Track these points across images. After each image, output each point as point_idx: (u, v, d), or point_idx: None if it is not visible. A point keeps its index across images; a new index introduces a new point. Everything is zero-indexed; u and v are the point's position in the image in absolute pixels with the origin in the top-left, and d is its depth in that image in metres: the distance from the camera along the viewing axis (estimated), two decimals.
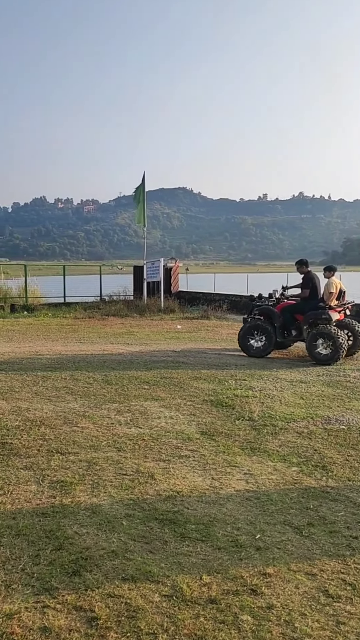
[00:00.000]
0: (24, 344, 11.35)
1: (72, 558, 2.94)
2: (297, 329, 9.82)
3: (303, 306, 9.85)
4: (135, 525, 3.36)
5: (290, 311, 9.91)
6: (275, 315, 9.83)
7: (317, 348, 9.19)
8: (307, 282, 10.06)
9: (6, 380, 7.55)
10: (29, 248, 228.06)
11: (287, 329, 9.87)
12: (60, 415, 5.86)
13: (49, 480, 4.06)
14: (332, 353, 9.08)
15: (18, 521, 3.38)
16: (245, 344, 9.93)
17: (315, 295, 9.95)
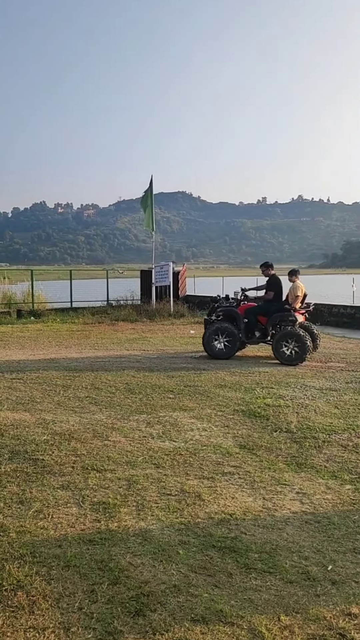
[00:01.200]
0: (37, 351, 11.08)
1: (132, 594, 2.67)
2: (261, 331, 9.99)
3: (267, 308, 10.02)
4: (193, 554, 3.09)
5: (254, 313, 10.05)
6: (239, 317, 9.94)
7: (284, 349, 9.42)
8: (272, 284, 10.21)
9: (25, 390, 7.28)
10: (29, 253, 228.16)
11: (251, 331, 9.99)
12: (88, 427, 5.59)
13: (90, 502, 3.79)
14: (299, 354, 9.33)
15: (65, 550, 3.11)
16: (210, 346, 9.89)
17: (279, 297, 10.13)
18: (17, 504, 3.76)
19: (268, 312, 9.93)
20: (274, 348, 9.54)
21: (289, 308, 9.81)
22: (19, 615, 2.48)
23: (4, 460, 4.57)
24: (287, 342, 9.42)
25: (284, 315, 9.75)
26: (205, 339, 9.98)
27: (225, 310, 10.18)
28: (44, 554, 3.05)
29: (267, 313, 9.94)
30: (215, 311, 10.30)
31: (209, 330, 9.95)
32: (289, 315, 9.72)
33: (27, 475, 4.29)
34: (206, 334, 9.99)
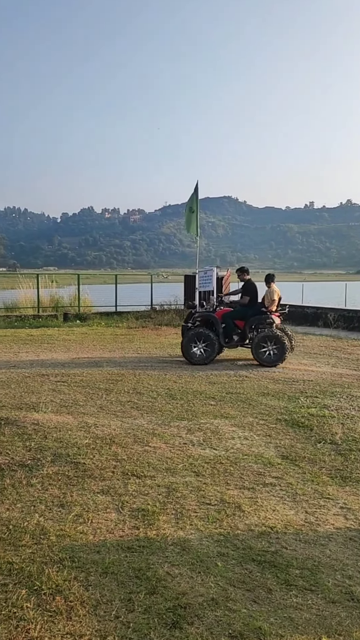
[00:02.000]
0: (82, 354, 11.25)
1: (169, 605, 2.64)
2: (239, 335, 10.23)
3: (244, 312, 10.29)
4: (232, 567, 3.03)
5: (231, 317, 10.25)
6: (217, 322, 10.13)
7: (263, 351, 9.74)
8: (248, 289, 10.50)
9: (69, 393, 7.39)
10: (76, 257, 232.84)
11: (229, 335, 10.19)
12: (129, 432, 5.61)
13: (129, 508, 3.79)
14: (278, 355, 9.69)
15: (103, 556, 3.11)
16: (188, 352, 10.01)
17: (255, 301, 10.47)
18: (57, 507, 3.80)
19: (245, 316, 10.24)
20: (254, 350, 9.85)
21: (265, 311, 10.18)
22: (57, 621, 2.49)
23: (46, 463, 4.64)
24: (266, 343, 9.75)
25: (262, 318, 10.12)
26: (184, 346, 10.09)
27: (202, 316, 10.35)
28: (83, 559, 3.06)
29: (244, 317, 10.24)
30: (193, 317, 10.42)
31: (187, 336, 10.07)
32: (266, 317, 10.11)
33: (68, 478, 4.33)
34: (184, 340, 10.10)
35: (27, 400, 6.90)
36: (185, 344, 10.04)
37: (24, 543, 3.24)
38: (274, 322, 10.10)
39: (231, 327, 10.20)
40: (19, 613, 2.53)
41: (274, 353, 9.70)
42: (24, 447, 5.04)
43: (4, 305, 19.84)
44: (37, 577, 2.84)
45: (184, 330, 10.51)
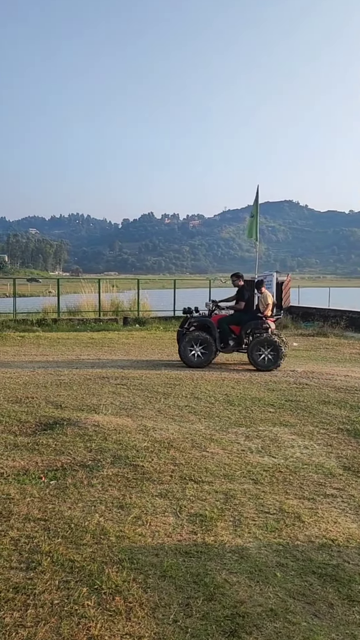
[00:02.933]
0: (140, 357, 11.41)
1: (227, 613, 2.62)
2: (235, 339, 10.39)
3: (239, 317, 10.47)
4: (292, 578, 2.98)
5: (227, 322, 10.42)
6: (213, 326, 10.30)
7: (260, 355, 9.97)
8: (243, 294, 10.66)
9: (129, 396, 7.51)
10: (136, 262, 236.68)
11: (225, 340, 10.34)
12: (187, 437, 5.63)
13: (187, 513, 3.80)
14: (274, 359, 9.93)
15: (162, 559, 3.13)
16: (186, 356, 10.18)
17: (250, 307, 10.71)
18: (117, 508, 3.86)
19: (240, 321, 10.42)
20: (250, 355, 10.05)
21: (261, 316, 10.35)
22: (117, 621, 2.53)
23: (106, 464, 4.73)
24: (262, 348, 9.99)
25: (258, 323, 10.32)
26: (181, 349, 10.26)
27: (199, 320, 10.52)
28: (141, 561, 3.09)
29: (240, 322, 10.42)
30: (188, 322, 10.56)
31: (184, 340, 10.22)
32: (262, 322, 10.30)
33: (127, 480, 4.40)
34: (181, 345, 10.24)
35: (88, 401, 7.06)
36: (182, 347, 10.21)
37: (85, 542, 3.32)
38: (269, 327, 10.30)
39: (227, 332, 10.37)
40: (80, 610, 2.60)
41: (270, 358, 9.94)
42: (85, 447, 5.17)
43: (67, 308, 20.44)
44: (98, 576, 2.90)
45: (179, 335, 10.63)
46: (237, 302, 10.73)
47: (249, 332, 10.37)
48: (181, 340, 10.33)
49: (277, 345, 9.92)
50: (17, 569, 3.00)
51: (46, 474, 4.48)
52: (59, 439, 5.40)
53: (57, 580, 2.87)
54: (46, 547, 3.23)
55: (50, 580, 2.88)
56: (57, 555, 3.13)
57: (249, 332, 10.37)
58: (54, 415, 6.29)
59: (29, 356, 11.47)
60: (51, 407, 6.71)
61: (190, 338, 10.17)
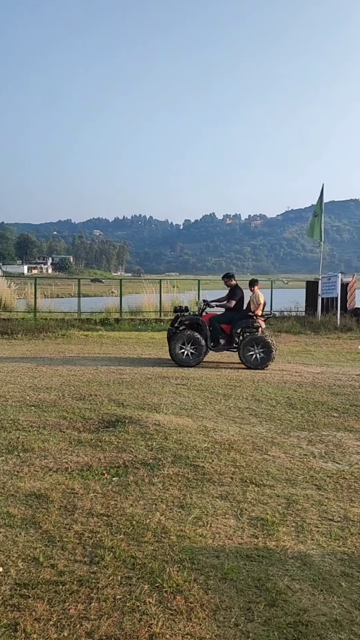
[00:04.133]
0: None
1: (290, 620, 2.57)
2: (225, 338, 10.46)
3: (231, 317, 10.54)
4: (357, 589, 2.88)
5: (218, 321, 10.51)
6: (204, 325, 10.33)
7: (251, 354, 10.07)
8: (234, 293, 10.74)
9: (189, 396, 7.53)
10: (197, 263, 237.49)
11: (216, 338, 10.39)
12: (248, 439, 5.58)
13: (248, 516, 3.76)
14: (264, 358, 10.05)
15: (222, 561, 3.11)
16: (177, 355, 10.19)
17: (241, 306, 10.73)
18: (178, 507, 3.88)
19: (231, 320, 10.50)
20: (241, 354, 10.16)
21: (252, 315, 10.44)
22: (178, 620, 2.54)
23: (167, 463, 4.76)
24: (253, 347, 10.10)
25: (249, 322, 10.40)
26: (171, 348, 10.25)
27: (190, 319, 10.54)
28: (202, 562, 3.09)
29: (231, 321, 10.50)
30: (180, 321, 10.57)
31: (175, 338, 10.22)
32: (253, 321, 10.39)
33: (187, 480, 4.41)
34: (172, 343, 10.24)
35: (149, 400, 7.14)
36: (173, 346, 10.22)
37: (146, 540, 3.35)
38: (260, 326, 10.38)
39: (218, 330, 10.43)
40: (142, 607, 2.62)
41: (261, 356, 10.07)
42: (146, 446, 5.23)
43: (129, 308, 20.78)
44: (159, 575, 2.92)
45: (169, 334, 10.59)
46: (228, 300, 10.81)
47: (240, 331, 10.47)
48: (172, 339, 10.35)
49: (268, 344, 10.05)
50: (81, 562, 3.08)
51: (108, 470, 4.57)
52: (121, 436, 5.49)
53: (120, 576, 2.92)
54: (109, 542, 3.29)
55: (112, 575, 2.93)
56: (120, 551, 3.19)
57: (240, 331, 10.47)
58: (116, 413, 6.40)
59: (93, 355, 11.75)
60: (113, 405, 6.84)
61: (181, 337, 10.20)
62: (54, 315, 18.80)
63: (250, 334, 10.28)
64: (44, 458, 4.83)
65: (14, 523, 3.54)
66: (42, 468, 4.58)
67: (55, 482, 4.27)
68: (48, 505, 3.82)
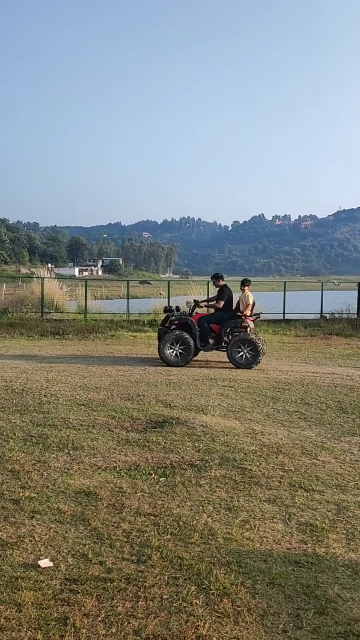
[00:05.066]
0: None
1: (340, 630, 2.51)
2: (214, 338, 10.55)
3: (219, 317, 10.66)
4: None
5: (207, 321, 10.60)
6: (194, 325, 10.41)
7: (239, 354, 10.23)
8: (223, 294, 10.85)
9: (236, 399, 7.49)
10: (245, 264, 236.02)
11: (205, 338, 10.47)
12: (297, 443, 5.49)
13: (297, 521, 3.70)
14: (253, 358, 10.20)
15: (270, 566, 3.07)
16: (165, 355, 10.25)
17: (230, 306, 10.81)
18: (225, 510, 3.86)
19: (220, 320, 10.60)
20: (229, 353, 10.32)
21: (241, 315, 10.54)
22: (225, 623, 2.52)
23: (214, 465, 4.75)
24: (241, 347, 10.25)
25: (237, 322, 10.51)
26: (160, 348, 10.32)
27: (179, 319, 10.60)
28: (249, 566, 3.06)
29: (220, 321, 10.60)
30: (169, 320, 10.63)
31: (164, 338, 10.30)
32: (241, 321, 10.49)
33: (235, 483, 4.38)
34: (161, 343, 10.32)
35: (196, 402, 7.15)
36: (162, 346, 10.30)
37: (193, 541, 3.35)
38: (248, 326, 10.50)
39: (207, 330, 10.52)
40: (189, 608, 2.62)
41: (249, 356, 10.20)
42: (193, 447, 5.23)
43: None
44: (206, 577, 2.92)
45: (160, 333, 10.71)
46: (217, 301, 10.94)
47: (229, 331, 10.55)
48: (161, 339, 10.42)
49: (255, 344, 10.18)
50: (129, 560, 3.11)
51: (156, 470, 4.60)
52: (168, 437, 5.52)
53: (167, 576, 2.93)
54: (156, 542, 3.31)
55: (159, 575, 2.94)
56: (167, 551, 3.20)
57: (229, 331, 10.55)
58: (164, 413, 6.44)
59: (141, 355, 11.87)
60: (161, 405, 6.88)
61: (170, 336, 10.29)
62: (103, 316, 19.12)
63: (238, 334, 10.42)
64: (93, 456, 4.91)
65: (64, 519, 3.62)
66: (91, 466, 4.66)
67: (104, 480, 4.33)
68: (97, 503, 3.88)
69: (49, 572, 2.94)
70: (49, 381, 8.25)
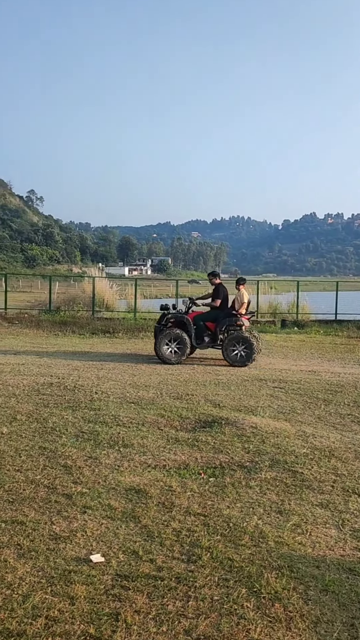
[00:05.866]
0: (299, 361, 11.14)
1: None
2: (210, 336, 10.62)
3: (215, 315, 10.74)
4: None
5: (202, 319, 10.69)
6: (189, 323, 10.50)
7: (234, 352, 10.30)
8: (219, 292, 10.86)
9: (286, 400, 7.37)
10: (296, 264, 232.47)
11: (200, 336, 10.57)
12: (350, 447, 5.35)
13: (350, 527, 3.60)
14: (247, 356, 10.27)
15: (323, 572, 3.00)
16: (162, 353, 10.32)
17: (226, 304, 10.90)
18: (275, 513, 3.80)
19: (216, 318, 10.68)
20: (224, 351, 10.37)
21: (236, 313, 10.66)
22: (277, 628, 2.48)
23: (264, 467, 4.69)
24: (236, 345, 10.32)
25: (232, 320, 10.63)
26: (156, 346, 10.40)
27: (175, 317, 10.69)
28: (302, 571, 3.00)
29: (215, 319, 10.68)
30: (165, 319, 10.71)
31: (161, 336, 10.37)
32: (236, 320, 10.62)
33: (286, 486, 4.31)
34: (158, 341, 10.39)
35: (246, 403, 7.08)
36: (158, 343, 10.37)
37: (243, 543, 3.32)
38: (243, 325, 10.62)
39: (202, 328, 10.61)
40: (240, 611, 2.60)
41: (243, 354, 10.26)
42: (242, 448, 5.19)
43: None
44: (257, 580, 2.88)
45: (156, 331, 10.76)
46: (213, 299, 10.96)
47: (224, 329, 10.65)
48: (158, 337, 10.49)
49: (250, 342, 10.25)
50: (179, 559, 3.11)
51: (205, 470, 4.59)
52: (218, 437, 5.49)
53: (217, 577, 2.92)
54: (206, 542, 3.30)
55: (209, 575, 2.93)
56: (217, 552, 3.18)
57: (224, 329, 10.65)
58: (213, 413, 6.42)
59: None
60: (210, 405, 6.86)
61: (166, 334, 10.38)
62: (152, 315, 19.25)
63: (233, 332, 10.52)
64: (143, 454, 4.95)
65: (114, 515, 3.66)
66: (141, 464, 4.70)
67: (154, 478, 4.36)
68: (147, 501, 3.91)
69: (100, 567, 2.98)
70: (99, 378, 8.39)
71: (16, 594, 2.70)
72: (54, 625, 2.46)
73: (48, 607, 2.58)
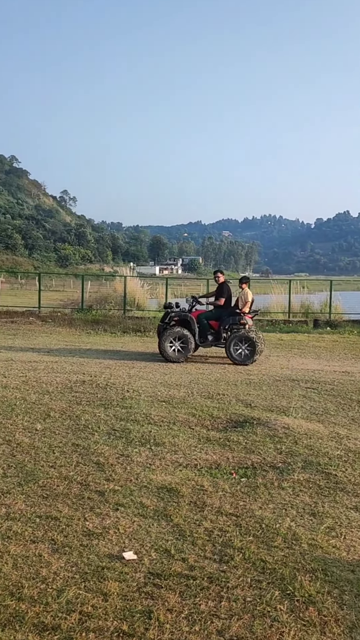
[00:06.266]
0: (332, 362, 10.98)
1: None
2: (213, 334, 10.65)
3: (219, 313, 10.77)
4: None
5: (206, 317, 10.73)
6: (193, 322, 10.49)
7: (237, 350, 10.34)
8: (223, 291, 10.91)
9: (319, 401, 7.27)
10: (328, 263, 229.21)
11: (204, 334, 10.58)
12: None
13: None
14: (250, 354, 10.30)
15: (358, 576, 2.95)
16: (166, 350, 10.30)
17: (229, 303, 10.91)
18: (309, 515, 3.75)
19: (219, 317, 10.69)
20: (227, 349, 10.39)
21: (239, 312, 10.64)
22: (311, 632, 2.45)
23: (297, 468, 4.64)
24: (240, 343, 10.35)
25: (236, 319, 10.60)
26: (160, 344, 10.37)
27: (179, 315, 10.64)
28: (336, 575, 2.95)
29: (219, 318, 10.69)
30: (169, 317, 10.64)
31: (164, 335, 10.35)
32: (240, 318, 10.58)
33: (319, 488, 4.25)
34: (161, 339, 10.37)
35: (278, 403, 7.02)
36: (162, 342, 10.34)
37: (276, 544, 3.29)
38: (247, 323, 10.55)
39: (206, 327, 10.63)
40: (273, 613, 2.57)
41: (247, 352, 10.28)
42: (275, 449, 5.14)
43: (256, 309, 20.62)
44: (290, 582, 2.85)
45: (159, 329, 10.76)
46: (216, 298, 10.95)
47: (227, 327, 10.62)
48: (161, 335, 10.47)
49: (253, 341, 10.26)
50: (211, 559, 3.10)
51: (237, 470, 4.57)
52: (249, 437, 5.46)
53: (249, 578, 2.90)
54: (238, 543, 3.28)
55: (242, 576, 2.91)
56: (249, 553, 3.16)
57: (227, 327, 10.62)
58: (244, 413, 6.38)
59: (220, 354, 11.84)
60: (241, 405, 6.82)
61: (170, 333, 10.35)
62: None
63: (237, 331, 10.49)
64: (174, 453, 4.95)
65: (146, 514, 3.68)
66: (173, 463, 4.70)
67: (185, 477, 4.36)
68: (178, 500, 3.91)
69: (133, 565, 3.00)
70: (131, 377, 8.44)
71: (51, 589, 2.74)
72: (87, 620, 2.48)
73: (82, 603, 2.61)
